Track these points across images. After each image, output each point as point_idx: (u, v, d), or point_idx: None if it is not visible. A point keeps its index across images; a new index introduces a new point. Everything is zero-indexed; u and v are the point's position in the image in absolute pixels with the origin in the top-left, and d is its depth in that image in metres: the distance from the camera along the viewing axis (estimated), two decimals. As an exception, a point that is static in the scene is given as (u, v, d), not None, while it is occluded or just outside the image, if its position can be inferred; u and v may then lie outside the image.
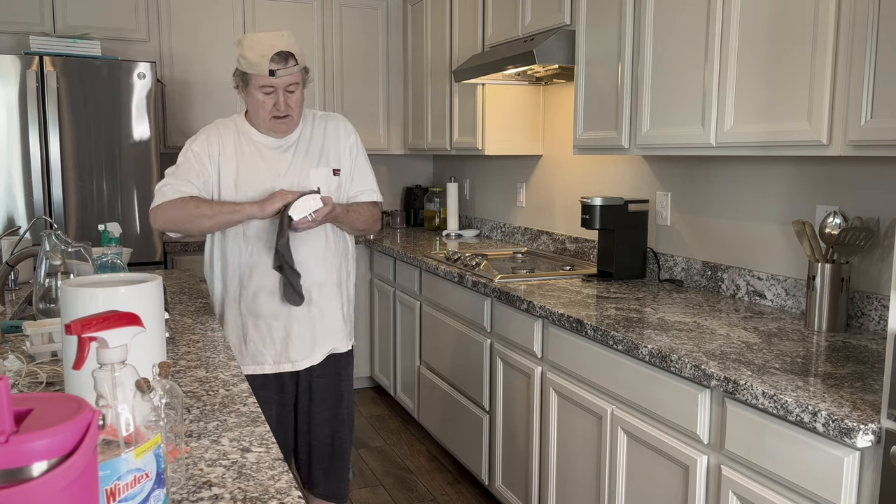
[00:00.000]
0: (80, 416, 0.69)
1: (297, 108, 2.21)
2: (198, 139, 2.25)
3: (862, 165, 2.10)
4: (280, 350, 2.26)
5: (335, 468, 2.39)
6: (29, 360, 1.67)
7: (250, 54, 2.12)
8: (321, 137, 2.31)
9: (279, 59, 2.11)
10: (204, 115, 4.25)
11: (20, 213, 3.55)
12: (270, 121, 2.19)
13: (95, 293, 1.22)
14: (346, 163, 2.33)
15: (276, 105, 2.15)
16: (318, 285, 2.28)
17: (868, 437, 1.36)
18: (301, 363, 2.28)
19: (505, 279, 2.86)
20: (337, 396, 2.36)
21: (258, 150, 2.24)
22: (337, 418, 2.36)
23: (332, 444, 2.37)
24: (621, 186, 3.16)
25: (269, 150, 2.25)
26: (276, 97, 2.15)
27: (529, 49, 2.88)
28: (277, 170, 2.23)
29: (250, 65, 2.13)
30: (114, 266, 2.11)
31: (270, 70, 2.11)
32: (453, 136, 4.03)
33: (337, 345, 2.35)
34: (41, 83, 3.50)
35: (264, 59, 2.10)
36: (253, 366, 2.26)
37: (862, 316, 2.09)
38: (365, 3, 4.60)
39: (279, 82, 2.13)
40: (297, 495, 1.07)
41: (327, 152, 2.30)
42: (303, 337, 2.27)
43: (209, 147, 2.23)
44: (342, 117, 2.40)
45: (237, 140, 2.25)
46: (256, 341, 2.26)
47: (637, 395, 2.00)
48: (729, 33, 2.09)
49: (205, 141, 2.24)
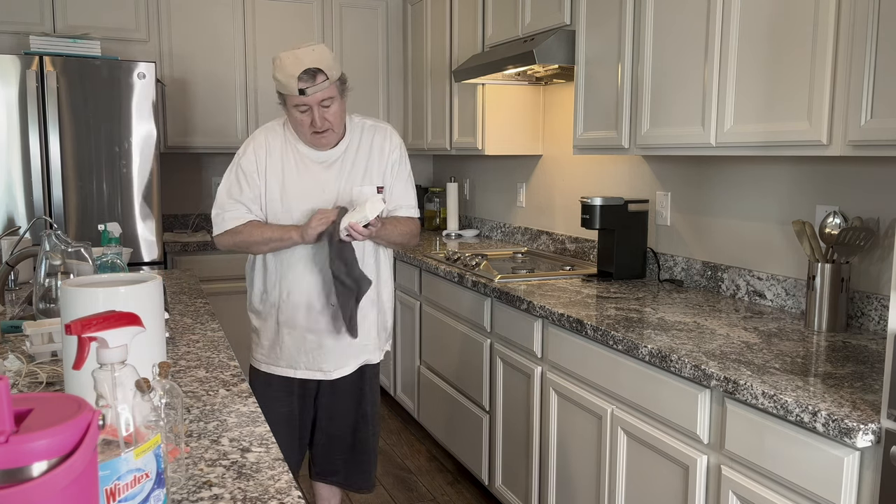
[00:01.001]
0: (80, 416, 0.69)
1: (337, 121, 2.19)
2: (246, 153, 2.25)
3: (862, 165, 2.10)
4: (312, 360, 2.28)
5: (356, 460, 2.42)
6: (29, 360, 1.67)
7: (280, 75, 2.11)
8: (367, 151, 2.29)
9: (307, 77, 2.09)
10: (204, 115, 4.26)
11: (20, 213, 3.55)
12: (311, 136, 2.19)
13: (95, 293, 1.22)
14: (389, 179, 2.32)
15: (313, 122, 2.14)
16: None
17: (868, 437, 1.36)
18: (332, 374, 2.31)
19: (505, 279, 2.86)
20: (359, 394, 2.39)
21: (304, 163, 2.24)
22: (358, 412, 2.39)
23: (354, 435, 2.40)
24: (621, 186, 3.16)
25: (314, 163, 2.24)
26: (312, 114, 2.14)
27: (529, 49, 2.88)
28: (322, 185, 2.23)
29: (281, 85, 2.12)
30: (114, 266, 2.11)
31: (300, 89, 2.09)
32: (453, 136, 4.03)
33: (370, 357, 2.37)
34: (41, 83, 3.50)
35: (292, 79, 2.08)
36: (286, 368, 2.30)
37: (862, 316, 2.09)
38: (365, 3, 4.60)
39: (311, 100, 2.11)
40: (297, 495, 1.07)
41: (371, 168, 2.29)
42: (337, 352, 2.30)
43: (257, 160, 2.23)
44: (390, 128, 2.36)
45: (284, 151, 2.25)
46: (291, 349, 2.28)
47: (637, 395, 2.00)
48: (729, 33, 2.09)
49: (252, 154, 2.24)
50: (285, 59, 2.11)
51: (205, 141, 4.28)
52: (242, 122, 4.34)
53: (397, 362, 4.03)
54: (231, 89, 4.31)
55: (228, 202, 2.24)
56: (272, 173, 2.23)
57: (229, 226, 2.23)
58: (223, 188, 2.26)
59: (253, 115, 4.34)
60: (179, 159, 4.52)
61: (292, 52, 2.11)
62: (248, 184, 2.23)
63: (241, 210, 2.23)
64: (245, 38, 4.31)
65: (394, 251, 2.48)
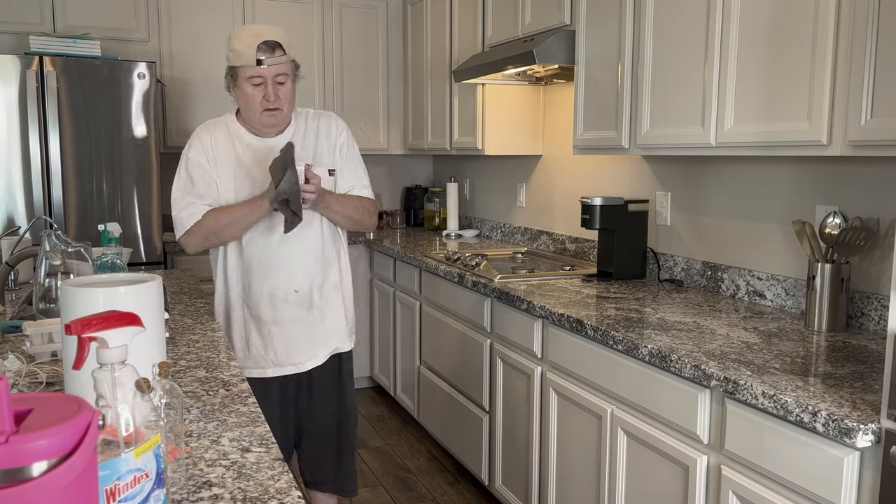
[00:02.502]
0: (80, 416, 0.69)
1: (287, 102, 2.18)
2: (192, 146, 2.23)
3: (862, 165, 2.10)
4: (282, 354, 2.26)
5: (343, 462, 2.40)
6: (29, 360, 1.67)
7: (237, 45, 2.11)
8: (314, 137, 2.29)
9: (266, 48, 2.09)
10: (204, 115, 4.24)
11: (20, 213, 3.55)
12: (261, 114, 2.16)
13: (95, 293, 1.22)
14: (339, 162, 2.31)
15: (266, 96, 2.12)
16: (318, 287, 2.28)
17: (868, 437, 1.36)
18: (304, 365, 2.28)
19: (505, 279, 2.86)
20: (339, 391, 2.37)
21: (251, 152, 2.22)
22: (342, 411, 2.37)
23: (339, 438, 2.38)
24: (621, 186, 3.16)
25: (262, 152, 2.22)
26: (266, 89, 2.12)
27: (529, 49, 2.88)
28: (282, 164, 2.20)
29: (237, 56, 2.11)
30: (114, 266, 2.11)
31: (258, 59, 2.09)
32: (453, 136, 4.03)
33: (340, 344, 2.35)
34: (41, 83, 3.50)
35: (251, 49, 2.08)
36: (256, 370, 2.26)
37: (862, 316, 2.09)
38: (365, 3, 4.60)
39: (267, 72, 2.10)
40: (297, 495, 1.07)
41: (321, 152, 2.28)
42: (305, 340, 2.27)
43: (205, 151, 2.21)
44: (334, 115, 2.37)
45: (229, 143, 2.23)
46: (259, 346, 2.26)
47: (637, 395, 2.00)
48: (729, 33, 2.09)
49: (199, 146, 2.22)
50: (243, 32, 2.12)
51: (205, 141, 4.28)
52: (242, 122, 4.33)
53: (397, 362, 4.03)
54: (231, 89, 4.30)
55: (183, 200, 2.18)
56: (223, 165, 2.20)
57: (191, 223, 2.16)
58: (176, 189, 2.21)
59: (253, 115, 4.33)
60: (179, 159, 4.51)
61: (250, 26, 2.14)
62: (200, 176, 2.18)
63: (198, 204, 2.17)
64: (245, 38, 4.30)
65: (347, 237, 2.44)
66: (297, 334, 2.25)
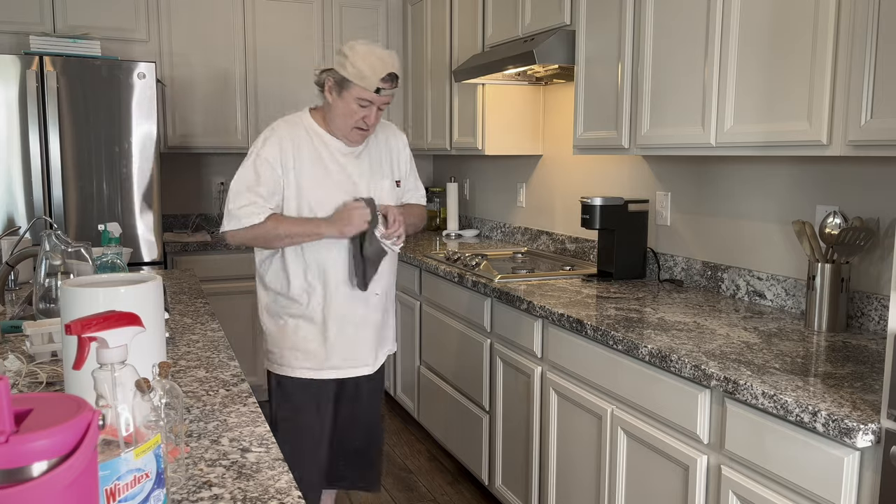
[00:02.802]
0: (80, 416, 0.69)
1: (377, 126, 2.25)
2: (268, 143, 2.16)
3: (862, 165, 2.10)
4: (355, 355, 2.26)
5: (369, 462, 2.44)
6: (29, 360, 1.67)
7: (363, 66, 2.08)
8: (383, 147, 2.33)
9: (388, 80, 2.11)
10: (204, 115, 4.26)
11: (20, 213, 3.55)
12: (352, 130, 2.17)
13: (95, 293, 1.22)
14: (403, 171, 2.39)
15: (366, 119, 2.14)
16: (385, 292, 2.32)
17: (868, 437, 1.36)
18: (372, 366, 2.31)
19: (505, 279, 2.86)
20: (380, 392, 2.43)
21: (332, 154, 2.21)
22: (377, 413, 2.43)
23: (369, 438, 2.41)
24: (621, 186, 3.16)
25: (342, 156, 2.22)
26: (369, 112, 2.13)
27: (529, 49, 2.88)
28: (353, 177, 2.21)
29: (360, 76, 2.09)
30: (114, 266, 2.11)
31: (378, 88, 2.10)
32: (453, 136, 4.03)
33: (391, 346, 2.42)
34: (41, 83, 3.50)
35: (375, 76, 2.08)
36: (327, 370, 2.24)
37: (862, 316, 2.09)
38: (365, 3, 4.60)
39: (378, 100, 2.12)
40: (297, 495, 1.07)
41: (391, 163, 2.34)
42: (376, 341, 2.31)
43: (282, 154, 2.15)
44: (393, 125, 2.44)
45: (309, 142, 2.19)
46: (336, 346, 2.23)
47: (637, 395, 2.00)
48: (729, 33, 2.09)
49: (276, 144, 2.16)
50: (371, 55, 2.09)
51: (205, 141, 4.28)
52: (242, 122, 4.33)
53: (397, 362, 4.03)
54: (231, 89, 4.30)
55: (246, 195, 2.13)
56: (298, 165, 2.16)
57: (249, 221, 2.12)
58: (240, 181, 2.15)
59: (253, 114, 4.33)
60: (179, 159, 4.52)
61: (375, 48, 2.11)
62: (269, 175, 2.14)
63: (260, 203, 2.13)
64: (245, 37, 4.31)
65: None
66: (370, 336, 2.28)
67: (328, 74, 2.16)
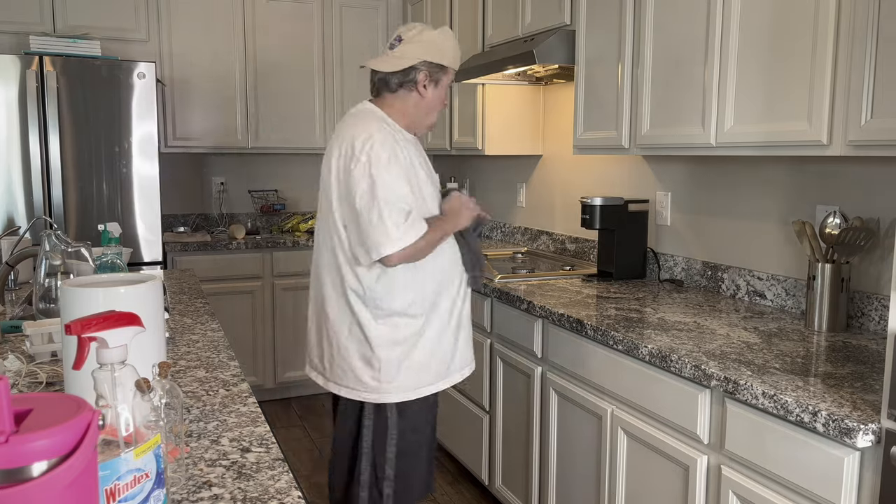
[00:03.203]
0: (80, 416, 0.69)
1: None
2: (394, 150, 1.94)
3: (862, 165, 2.10)
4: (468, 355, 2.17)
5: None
6: (29, 360, 1.67)
7: (452, 49, 2.06)
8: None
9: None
10: (204, 115, 4.26)
11: (20, 213, 3.55)
12: (435, 116, 2.15)
13: (95, 293, 1.22)
14: None
15: (444, 100, 2.14)
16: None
17: (868, 437, 1.36)
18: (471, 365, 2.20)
19: (505, 279, 2.86)
20: None
21: (417, 149, 2.10)
22: None
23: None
24: (621, 186, 3.16)
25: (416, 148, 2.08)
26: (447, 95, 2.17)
27: (529, 49, 2.88)
28: (430, 170, 2.13)
29: (454, 59, 2.07)
30: (114, 266, 2.11)
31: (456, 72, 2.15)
32: (453, 136, 4.03)
33: None
34: (41, 83, 3.50)
35: (458, 61, 2.11)
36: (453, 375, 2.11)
37: (862, 316, 2.09)
38: (365, 3, 4.60)
39: None
40: (297, 495, 1.07)
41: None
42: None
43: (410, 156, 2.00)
44: None
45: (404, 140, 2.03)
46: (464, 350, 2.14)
47: (637, 395, 2.00)
48: (729, 33, 2.09)
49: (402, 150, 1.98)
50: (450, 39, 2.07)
51: (205, 141, 4.28)
52: (242, 122, 4.33)
53: (397, 362, 4.02)
54: (231, 89, 4.30)
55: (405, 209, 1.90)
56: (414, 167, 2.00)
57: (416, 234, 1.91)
58: (392, 194, 1.89)
59: (253, 114, 4.34)
60: (179, 159, 4.52)
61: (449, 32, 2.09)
62: (416, 183, 1.97)
63: (414, 215, 1.92)
64: (245, 37, 4.31)
65: None
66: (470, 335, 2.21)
67: (422, 67, 2.02)
